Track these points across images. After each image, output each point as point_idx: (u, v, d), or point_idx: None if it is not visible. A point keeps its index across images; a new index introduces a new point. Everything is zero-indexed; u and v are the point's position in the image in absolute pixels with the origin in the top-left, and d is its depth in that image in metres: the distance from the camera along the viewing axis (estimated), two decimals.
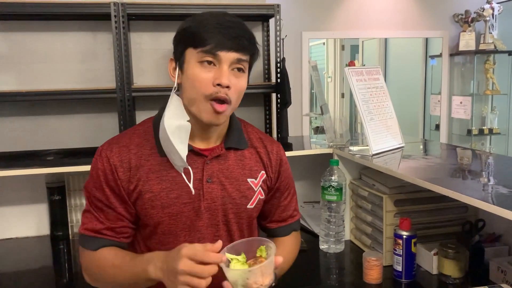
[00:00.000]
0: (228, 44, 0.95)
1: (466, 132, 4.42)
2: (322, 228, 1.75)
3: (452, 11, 4.23)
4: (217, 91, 0.96)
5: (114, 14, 2.02)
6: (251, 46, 1.00)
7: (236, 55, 0.97)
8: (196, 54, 0.96)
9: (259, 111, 2.46)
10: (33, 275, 1.63)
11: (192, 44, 0.97)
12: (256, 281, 0.90)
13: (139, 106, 2.24)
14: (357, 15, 4.05)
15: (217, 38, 0.95)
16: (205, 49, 0.95)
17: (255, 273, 0.90)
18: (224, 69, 0.96)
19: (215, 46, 0.95)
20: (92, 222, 1.03)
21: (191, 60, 0.97)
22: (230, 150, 1.09)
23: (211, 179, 1.04)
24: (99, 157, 1.03)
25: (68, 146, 2.15)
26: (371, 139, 1.67)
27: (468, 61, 4.38)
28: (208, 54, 0.95)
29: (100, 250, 1.02)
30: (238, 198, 1.06)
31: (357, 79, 1.72)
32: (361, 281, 1.47)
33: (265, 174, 1.12)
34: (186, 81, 0.99)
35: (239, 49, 0.97)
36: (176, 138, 0.98)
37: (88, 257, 1.04)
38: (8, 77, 2.14)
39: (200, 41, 0.95)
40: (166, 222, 1.01)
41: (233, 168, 1.07)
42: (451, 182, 1.33)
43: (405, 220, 1.43)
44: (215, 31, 0.95)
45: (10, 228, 1.98)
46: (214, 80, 0.96)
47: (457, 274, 1.41)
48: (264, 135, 1.18)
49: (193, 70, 0.97)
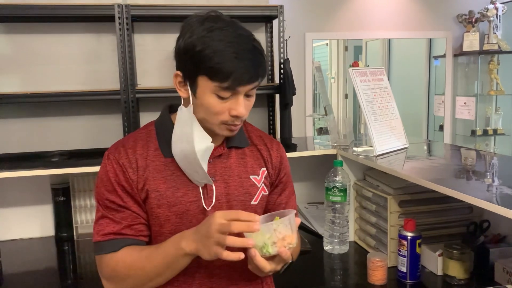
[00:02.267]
0: (246, 78, 0.93)
1: (470, 132, 4.41)
2: (326, 229, 1.74)
3: (455, 11, 4.22)
4: (233, 120, 0.97)
5: (118, 16, 2.03)
6: (265, 71, 0.98)
7: (253, 85, 0.96)
8: (213, 86, 0.93)
9: (263, 112, 2.46)
10: (38, 275, 1.64)
11: (207, 75, 0.92)
12: (285, 235, 0.89)
13: (143, 107, 2.25)
14: (361, 15, 4.04)
15: (236, 73, 0.91)
16: (223, 86, 0.92)
17: (285, 225, 0.89)
18: (240, 100, 0.95)
19: (234, 82, 0.92)
20: (108, 226, 1.01)
21: (206, 89, 0.94)
22: (232, 149, 1.10)
23: (214, 177, 1.05)
24: (108, 160, 1.03)
25: (72, 147, 2.16)
26: (375, 140, 1.67)
27: (472, 62, 4.36)
28: (226, 90, 0.93)
29: (122, 250, 1.00)
30: (242, 195, 1.07)
31: (361, 79, 1.72)
32: (365, 282, 1.47)
33: (266, 171, 1.13)
34: (200, 106, 0.97)
35: (256, 80, 0.96)
36: (204, 159, 1.00)
37: (110, 261, 1.00)
38: (12, 79, 2.15)
39: (218, 76, 0.91)
40: (172, 220, 1.02)
41: (235, 166, 1.09)
42: (456, 182, 1.32)
43: (410, 221, 1.42)
44: (234, 65, 0.90)
45: (15, 229, 1.99)
46: (230, 110, 0.96)
47: (462, 275, 1.41)
48: (263, 134, 1.20)
49: (209, 100, 0.95)
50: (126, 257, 0.99)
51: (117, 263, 1.00)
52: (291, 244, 0.90)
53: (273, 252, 0.89)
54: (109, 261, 1.01)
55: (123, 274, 0.99)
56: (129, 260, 0.99)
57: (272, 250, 0.89)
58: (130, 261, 0.99)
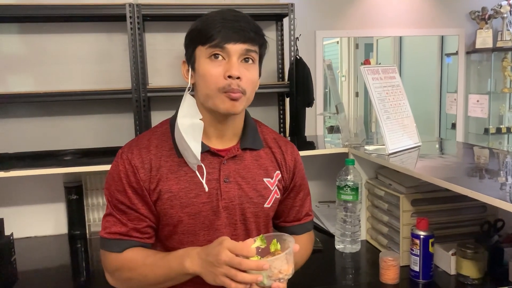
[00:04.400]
0: (234, 36, 0.97)
1: (483, 131, 4.36)
2: (338, 228, 1.74)
3: (468, 8, 4.17)
4: (229, 83, 0.97)
5: (129, 15, 2.04)
6: (257, 36, 1.02)
7: (243, 46, 0.98)
8: (205, 50, 0.98)
9: (273, 110, 2.46)
10: (51, 273, 1.66)
11: (200, 42, 0.99)
12: (281, 269, 0.90)
13: (154, 106, 2.26)
14: (372, 13, 4.02)
15: (223, 31, 0.97)
16: (212, 44, 0.97)
17: (282, 260, 0.91)
18: (233, 61, 0.98)
19: (222, 39, 0.97)
20: (115, 225, 1.03)
21: (201, 57, 1.00)
22: (246, 151, 1.10)
23: (228, 179, 1.05)
24: (120, 159, 1.04)
25: (84, 146, 2.18)
26: (388, 138, 1.65)
27: (485, 59, 4.31)
28: (216, 48, 0.97)
29: (126, 251, 1.02)
30: (255, 198, 1.07)
31: (373, 77, 1.71)
32: (377, 281, 1.46)
33: (280, 174, 1.12)
34: (199, 79, 1.01)
35: (246, 40, 0.99)
36: (189, 136, 0.99)
37: (114, 260, 1.03)
38: (26, 78, 2.18)
39: (207, 37, 0.97)
40: (185, 221, 1.02)
41: (249, 168, 1.08)
42: (469, 181, 1.31)
43: (423, 220, 1.41)
44: (221, 26, 0.97)
45: (29, 227, 2.01)
46: (225, 73, 0.97)
47: (476, 275, 1.39)
48: (278, 136, 1.19)
49: (204, 66, 0.99)
50: (131, 261, 1.01)
51: (121, 264, 1.02)
52: (286, 275, 0.92)
53: (268, 284, 0.91)
54: (113, 261, 1.03)
55: (126, 276, 1.02)
56: (133, 265, 1.01)
57: (267, 282, 0.90)
58: (134, 266, 1.00)
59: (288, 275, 0.92)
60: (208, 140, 1.05)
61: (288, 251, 0.92)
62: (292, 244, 0.93)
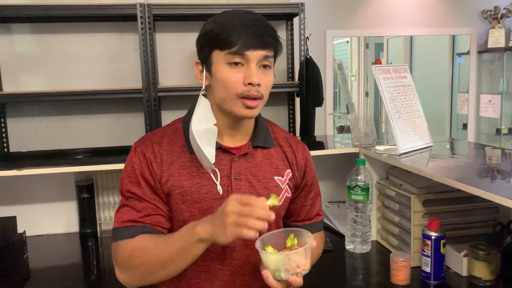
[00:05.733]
0: (254, 43, 0.97)
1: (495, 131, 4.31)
2: (348, 228, 1.73)
3: (480, 7, 4.13)
4: (248, 89, 0.98)
5: (140, 15, 2.05)
6: (275, 41, 1.02)
7: (262, 53, 0.98)
8: (224, 56, 0.98)
9: (283, 110, 2.46)
10: (63, 270, 1.67)
11: (218, 46, 0.98)
12: (299, 264, 0.90)
13: (164, 105, 2.27)
14: (382, 12, 3.99)
15: (243, 38, 0.96)
16: (232, 51, 0.96)
17: (300, 255, 0.91)
18: (253, 67, 0.98)
19: (242, 47, 0.96)
20: (129, 213, 1.02)
21: (219, 62, 0.99)
22: (257, 149, 1.10)
23: (239, 176, 1.05)
24: (135, 152, 1.05)
25: (96, 145, 2.19)
26: (399, 138, 1.64)
27: (497, 59, 4.27)
28: (235, 55, 0.97)
29: (138, 237, 1.00)
30: (266, 195, 1.07)
31: (384, 77, 1.70)
32: (388, 282, 1.45)
33: (291, 173, 1.13)
34: (216, 83, 1.01)
35: (265, 46, 0.98)
36: (204, 141, 1.00)
37: (126, 247, 0.99)
38: (38, 78, 2.20)
39: (226, 43, 0.97)
40: (196, 217, 1.02)
41: (260, 166, 1.09)
42: (482, 182, 1.29)
43: (434, 220, 1.40)
44: (240, 31, 0.96)
45: (41, 225, 2.03)
46: (244, 79, 0.98)
47: (488, 277, 1.38)
48: (289, 135, 1.20)
49: (222, 71, 0.99)
50: (141, 243, 0.99)
51: (132, 249, 0.99)
52: (304, 270, 0.92)
53: (284, 277, 0.91)
54: (125, 248, 1.00)
55: (137, 260, 0.98)
56: (144, 246, 0.98)
57: (284, 276, 0.90)
58: (145, 247, 0.98)
59: (305, 270, 0.92)
60: (220, 138, 1.06)
61: (307, 245, 0.92)
62: (310, 239, 0.93)
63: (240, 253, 1.06)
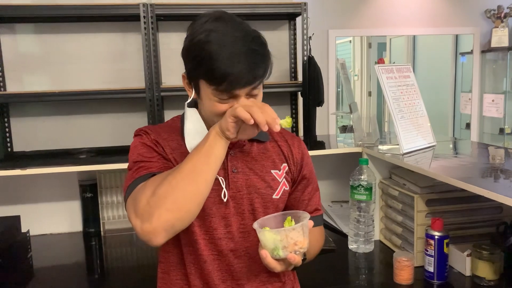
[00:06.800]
0: (243, 80, 0.93)
1: (499, 131, 4.30)
2: (351, 228, 1.73)
3: (483, 6, 4.11)
4: None
5: (143, 15, 2.05)
6: (265, 71, 0.98)
7: (252, 87, 0.96)
8: (211, 90, 0.95)
9: (286, 110, 2.45)
10: (66, 269, 1.68)
11: (204, 78, 0.95)
12: (297, 241, 0.90)
13: (167, 105, 2.27)
14: (385, 12, 3.98)
15: (231, 77, 0.91)
16: (220, 88, 0.93)
17: (298, 231, 0.90)
18: (241, 101, 0.96)
19: (230, 85, 0.93)
20: (139, 171, 0.99)
21: (207, 93, 0.97)
22: (253, 143, 1.11)
23: (236, 169, 1.06)
24: (139, 135, 1.07)
25: (99, 144, 2.20)
26: (402, 137, 1.64)
27: (501, 58, 4.25)
28: (223, 93, 0.94)
29: (152, 177, 0.95)
30: (264, 188, 1.08)
31: (388, 76, 1.70)
32: (391, 281, 1.45)
33: (287, 167, 1.14)
34: (203, 106, 1.02)
35: (255, 81, 0.95)
36: None
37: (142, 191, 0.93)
38: (41, 78, 2.20)
39: (213, 80, 0.93)
40: None
41: (257, 159, 1.10)
42: (485, 181, 1.29)
43: (437, 220, 1.40)
44: (228, 69, 0.91)
45: (44, 224, 2.04)
46: None
47: (492, 276, 1.38)
48: (284, 130, 1.20)
49: (209, 103, 0.97)
50: (156, 178, 0.94)
51: (152, 186, 0.92)
52: (302, 248, 0.92)
53: (283, 255, 0.90)
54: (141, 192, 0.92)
55: (161, 193, 0.89)
56: (160, 179, 0.92)
57: (282, 253, 0.90)
58: (161, 179, 0.92)
59: (303, 249, 0.92)
60: None
61: (304, 222, 0.91)
62: (307, 218, 0.93)
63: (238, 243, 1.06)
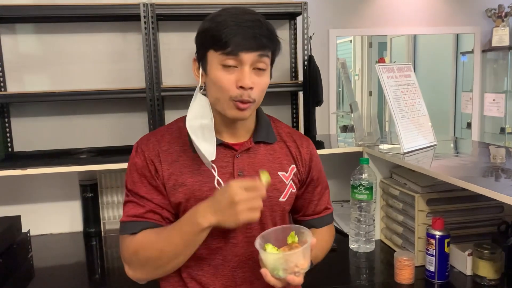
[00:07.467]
0: (247, 45, 0.96)
1: (499, 130, 4.29)
2: (352, 228, 1.73)
3: (484, 5, 4.11)
4: (240, 93, 0.98)
5: (144, 15, 2.05)
6: (271, 42, 1.00)
7: (256, 54, 0.97)
8: (218, 56, 0.97)
9: (286, 109, 2.45)
10: (67, 269, 1.68)
11: (212, 47, 0.98)
12: (297, 264, 0.91)
13: (168, 105, 2.27)
14: (385, 11, 3.98)
15: (236, 39, 0.95)
16: (226, 52, 0.96)
17: (298, 255, 0.91)
18: (246, 70, 0.97)
19: (235, 48, 0.95)
20: (133, 208, 1.03)
21: (213, 62, 0.99)
22: (260, 144, 1.10)
23: (242, 172, 1.05)
24: (136, 152, 1.07)
25: (99, 144, 2.20)
26: (403, 137, 1.64)
27: (502, 57, 4.25)
28: (229, 56, 0.96)
29: (141, 232, 1.01)
30: (270, 191, 1.07)
31: (388, 76, 1.70)
32: (392, 281, 1.45)
33: (295, 168, 1.13)
34: (210, 83, 1.01)
35: (259, 48, 0.97)
36: (199, 137, 1.00)
37: (130, 243, 1.01)
38: (42, 78, 2.20)
39: (220, 44, 0.96)
40: None
41: (263, 161, 1.09)
42: (486, 180, 1.29)
43: (438, 219, 1.40)
44: (234, 32, 0.95)
45: (45, 224, 2.04)
46: (237, 82, 0.97)
47: (493, 276, 1.38)
48: (293, 130, 1.20)
49: (216, 72, 0.98)
50: (144, 240, 1.00)
51: (137, 246, 1.00)
52: (302, 269, 0.92)
53: (283, 276, 0.91)
54: (130, 244, 1.01)
55: (143, 257, 0.99)
56: (148, 243, 0.99)
57: (282, 274, 0.91)
58: (149, 243, 0.99)
59: (304, 269, 0.93)
60: (220, 134, 1.07)
61: (306, 246, 0.92)
62: (310, 238, 0.94)
63: (242, 249, 1.07)
